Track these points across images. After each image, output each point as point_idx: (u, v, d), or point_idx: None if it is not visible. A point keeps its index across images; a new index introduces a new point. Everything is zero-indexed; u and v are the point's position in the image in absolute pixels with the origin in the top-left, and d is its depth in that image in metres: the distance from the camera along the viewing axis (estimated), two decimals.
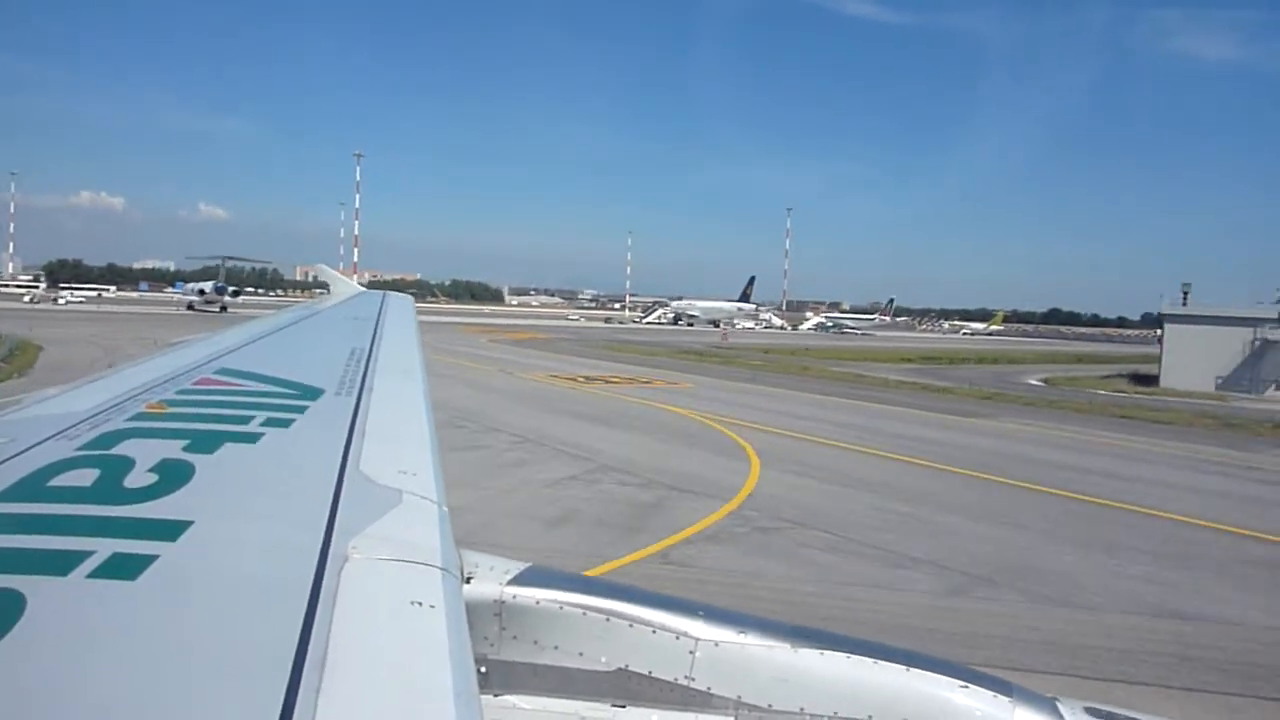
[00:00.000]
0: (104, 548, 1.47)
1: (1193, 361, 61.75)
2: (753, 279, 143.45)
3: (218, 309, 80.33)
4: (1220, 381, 61.04)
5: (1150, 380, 62.95)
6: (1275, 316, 60.10)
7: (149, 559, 1.46)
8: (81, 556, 1.43)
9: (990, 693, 2.26)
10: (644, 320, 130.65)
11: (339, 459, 2.29)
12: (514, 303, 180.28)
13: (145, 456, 2.03)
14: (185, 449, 2.14)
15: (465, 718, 1.20)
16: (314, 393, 3.15)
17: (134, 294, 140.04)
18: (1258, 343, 59.91)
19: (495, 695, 2.27)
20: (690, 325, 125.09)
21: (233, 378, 3.37)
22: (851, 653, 2.30)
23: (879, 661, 2.29)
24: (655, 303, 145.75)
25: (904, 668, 2.28)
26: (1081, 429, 30.79)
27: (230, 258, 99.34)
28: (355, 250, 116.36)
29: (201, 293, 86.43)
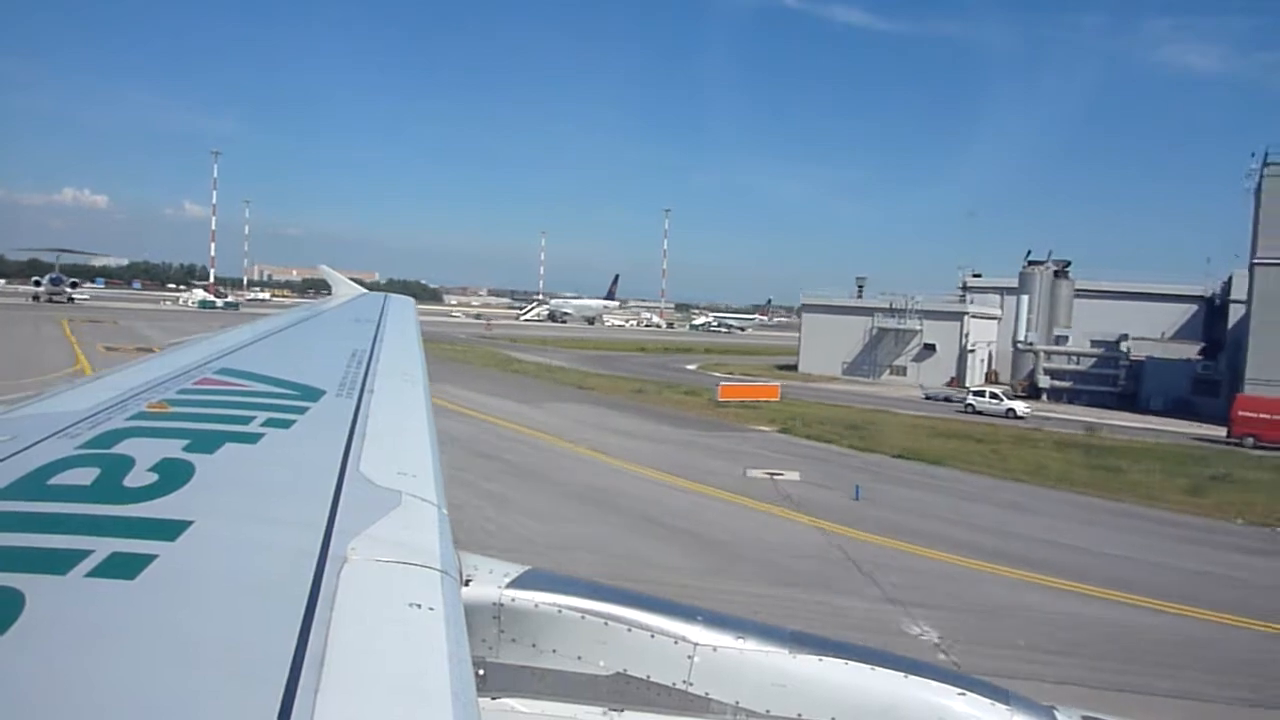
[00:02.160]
0: (103, 547, 1.47)
1: (824, 349, 68.20)
2: (617, 277, 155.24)
3: (65, 299, 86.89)
4: (845, 366, 67.58)
5: (793, 367, 68.59)
6: (887, 307, 67.89)
7: (148, 558, 1.46)
8: (81, 555, 1.43)
9: (988, 700, 2.25)
10: (521, 317, 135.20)
11: (339, 460, 2.29)
12: (453, 302, 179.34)
13: (145, 456, 2.03)
14: (186, 449, 2.14)
15: None
16: (315, 394, 3.15)
17: None
18: (874, 331, 67.48)
19: (493, 698, 2.26)
20: (564, 321, 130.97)
21: (234, 378, 3.37)
22: (850, 659, 2.30)
23: (877, 668, 2.29)
24: (536, 300, 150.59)
25: (902, 675, 2.28)
26: (591, 408, 39.03)
27: (64, 250, 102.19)
28: (212, 245, 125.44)
29: (38, 283, 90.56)
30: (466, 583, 2.22)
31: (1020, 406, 47.59)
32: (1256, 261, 50.21)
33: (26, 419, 2.49)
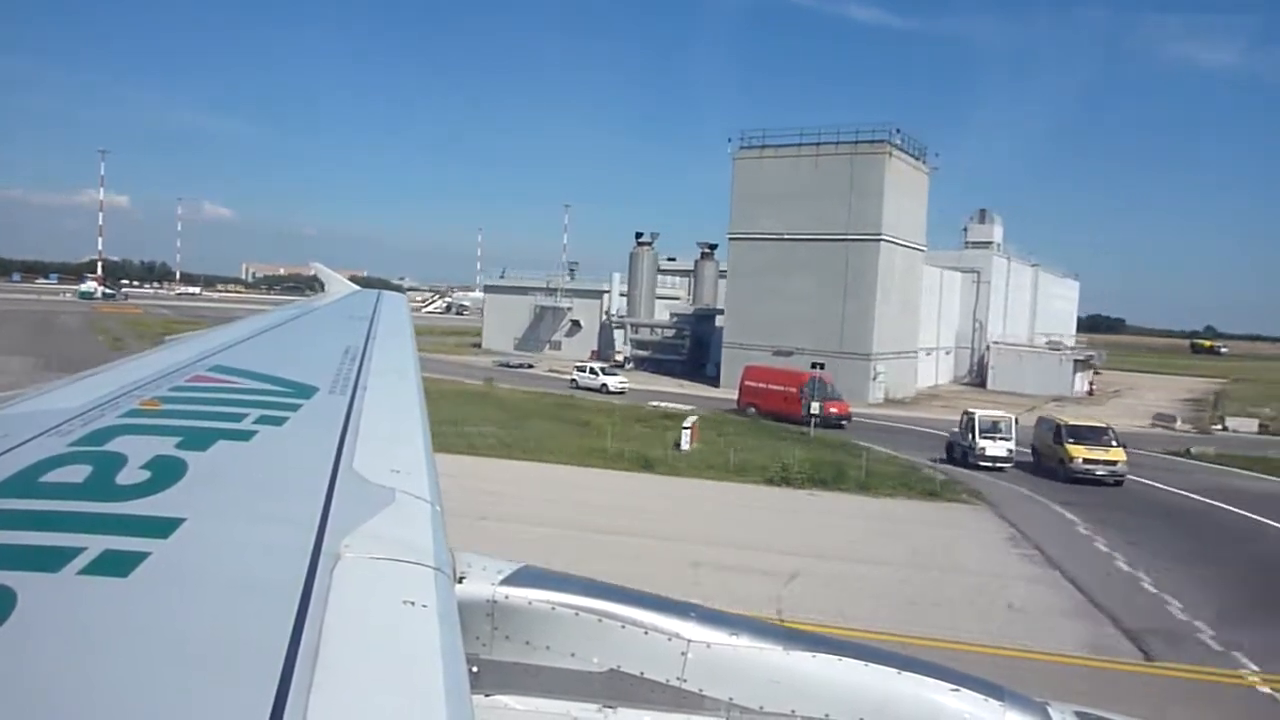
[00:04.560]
0: (95, 544, 1.47)
1: (501, 325, 78.91)
2: (504, 271, 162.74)
3: None
4: (517, 342, 75.62)
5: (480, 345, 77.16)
6: (545, 286, 76.97)
7: (141, 556, 1.45)
8: (73, 553, 1.42)
9: (981, 696, 2.26)
10: (423, 310, 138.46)
11: (332, 457, 2.29)
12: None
13: (138, 453, 2.03)
14: (178, 446, 2.13)
15: (456, 717, 1.20)
16: (308, 391, 3.14)
17: None
18: (538, 309, 76.41)
19: (487, 695, 2.26)
20: (460, 314, 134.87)
21: (227, 375, 3.36)
22: (843, 655, 2.31)
23: (870, 664, 2.29)
24: (434, 292, 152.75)
25: (895, 671, 2.29)
26: None
27: None
28: (99, 239, 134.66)
29: None
30: (460, 580, 2.22)
31: (614, 381, 50.31)
32: (730, 236, 57.78)
33: (18, 416, 2.48)
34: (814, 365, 40.66)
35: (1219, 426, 47.42)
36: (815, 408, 38.27)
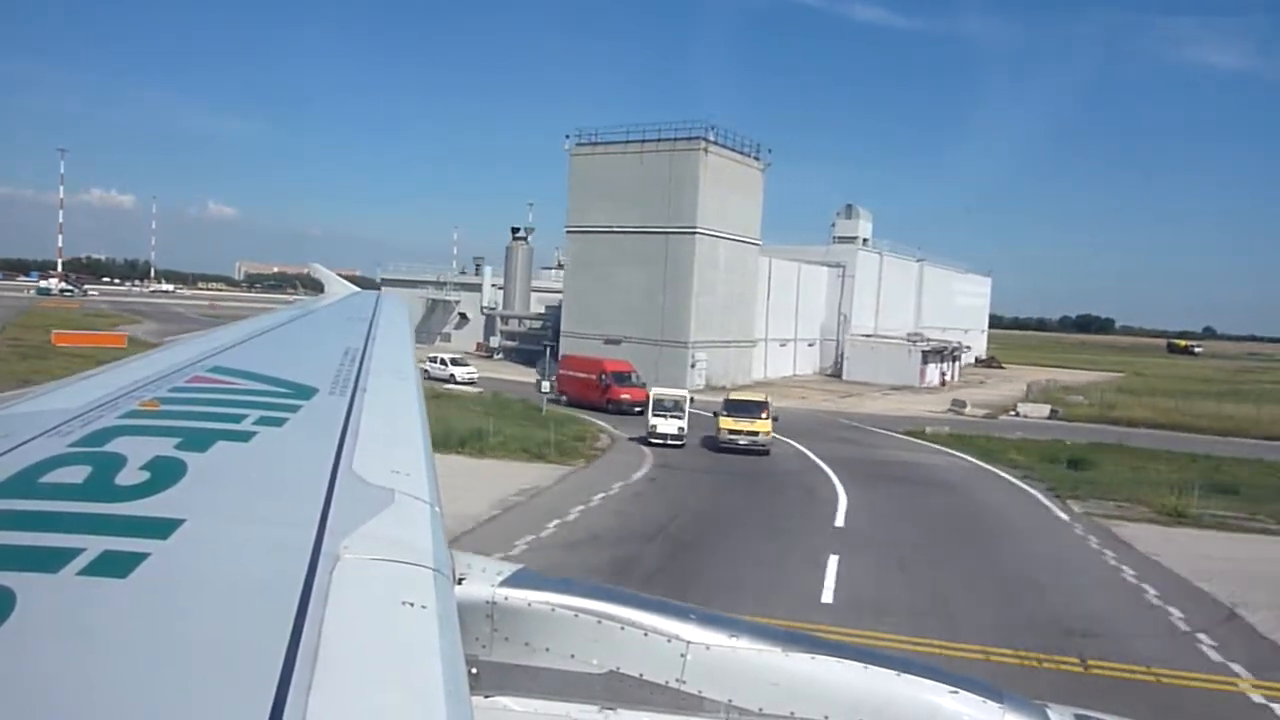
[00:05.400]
0: (95, 545, 1.46)
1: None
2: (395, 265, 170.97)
3: None
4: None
5: None
6: (435, 279, 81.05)
7: (140, 557, 1.45)
8: (72, 554, 1.42)
9: (980, 699, 2.26)
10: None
11: (332, 458, 2.28)
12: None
13: (137, 454, 2.02)
14: (177, 447, 2.13)
15: (456, 719, 1.20)
16: (307, 392, 3.14)
17: None
18: (429, 302, 78.32)
19: (486, 696, 2.26)
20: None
21: (226, 376, 3.36)
22: (842, 658, 2.31)
23: (869, 667, 2.29)
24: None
25: (895, 673, 2.29)
26: None
27: None
28: (60, 236, 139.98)
29: None
30: (460, 581, 2.22)
31: (462, 371, 51.84)
32: (567, 229, 60.86)
33: (17, 417, 2.48)
34: (608, 342, 43.17)
35: (1013, 412, 50.09)
36: (609, 393, 41.47)
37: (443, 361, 52.86)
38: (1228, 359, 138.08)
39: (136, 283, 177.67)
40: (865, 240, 77.65)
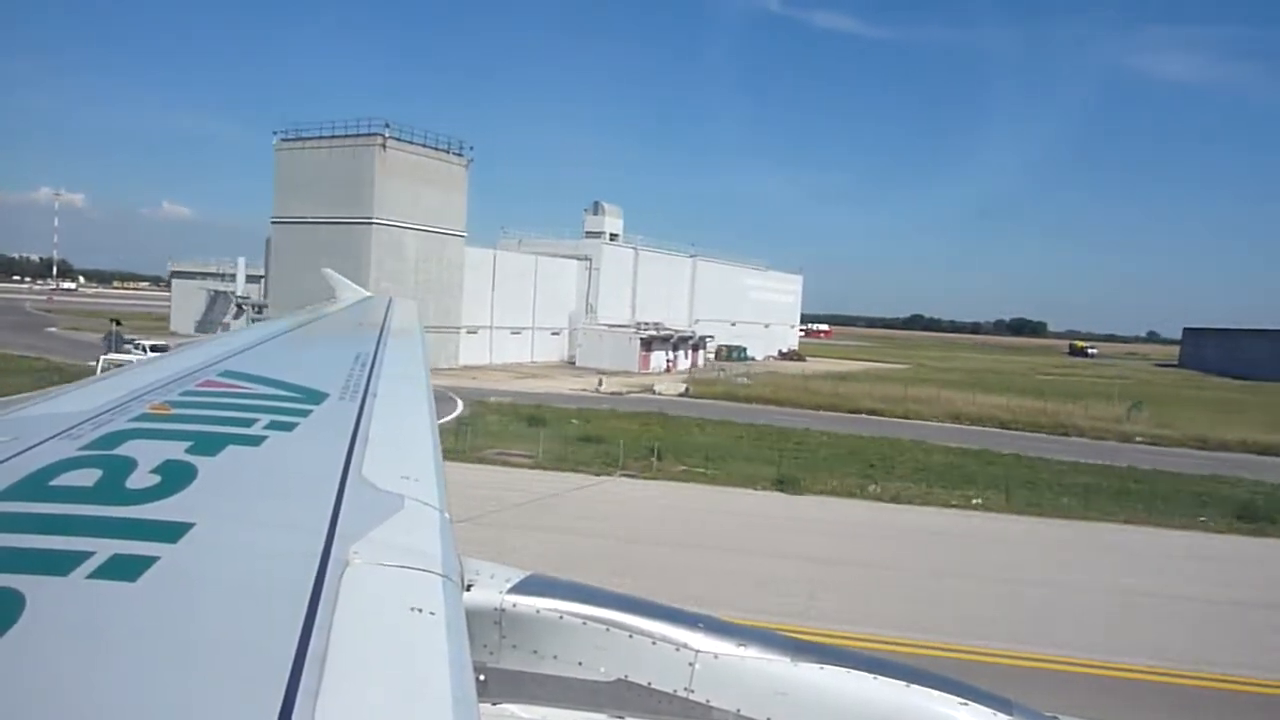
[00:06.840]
0: (104, 548, 1.47)
1: (184, 309, 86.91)
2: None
3: None
4: (197, 324, 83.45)
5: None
6: (216, 272, 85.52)
7: (149, 560, 1.45)
8: (82, 557, 1.42)
9: (990, 710, 2.25)
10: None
11: (341, 463, 2.29)
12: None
13: (148, 457, 2.03)
14: (188, 451, 2.14)
15: None
16: (318, 396, 3.15)
17: None
18: (212, 294, 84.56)
19: (494, 704, 2.26)
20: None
21: (237, 380, 3.37)
22: (852, 668, 2.29)
23: (879, 677, 2.28)
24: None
25: (904, 684, 2.27)
26: None
27: None
28: (55, 235, 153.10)
29: None
30: (468, 587, 2.21)
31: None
32: (273, 220, 63.86)
33: (29, 420, 2.49)
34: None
35: (654, 390, 54.52)
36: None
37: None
38: (1103, 359, 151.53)
39: (42, 281, 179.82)
40: (614, 235, 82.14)
